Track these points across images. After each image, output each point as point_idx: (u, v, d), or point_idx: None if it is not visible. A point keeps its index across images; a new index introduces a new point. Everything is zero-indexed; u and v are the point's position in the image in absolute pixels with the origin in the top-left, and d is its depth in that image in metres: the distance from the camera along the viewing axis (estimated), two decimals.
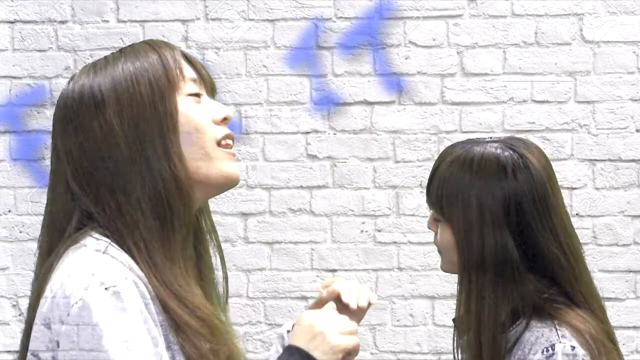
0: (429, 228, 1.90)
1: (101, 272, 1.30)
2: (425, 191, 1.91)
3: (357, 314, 1.70)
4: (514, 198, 1.77)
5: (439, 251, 1.88)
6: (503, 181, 1.77)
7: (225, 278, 1.54)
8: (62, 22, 3.56)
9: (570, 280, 1.78)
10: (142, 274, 1.35)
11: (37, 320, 1.31)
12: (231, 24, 3.54)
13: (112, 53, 1.52)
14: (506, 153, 1.79)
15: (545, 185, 1.79)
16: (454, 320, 2.18)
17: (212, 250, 1.54)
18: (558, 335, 1.72)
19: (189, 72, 1.49)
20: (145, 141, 1.39)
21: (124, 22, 3.55)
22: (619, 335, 2.03)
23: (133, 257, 1.36)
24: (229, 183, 1.46)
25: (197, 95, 1.47)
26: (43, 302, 1.32)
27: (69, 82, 1.47)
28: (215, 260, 1.55)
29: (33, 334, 1.31)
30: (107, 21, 3.55)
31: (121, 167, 1.38)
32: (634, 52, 3.46)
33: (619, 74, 3.46)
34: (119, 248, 1.36)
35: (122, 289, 1.29)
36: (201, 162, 1.42)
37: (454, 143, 1.90)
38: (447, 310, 3.49)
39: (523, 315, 1.76)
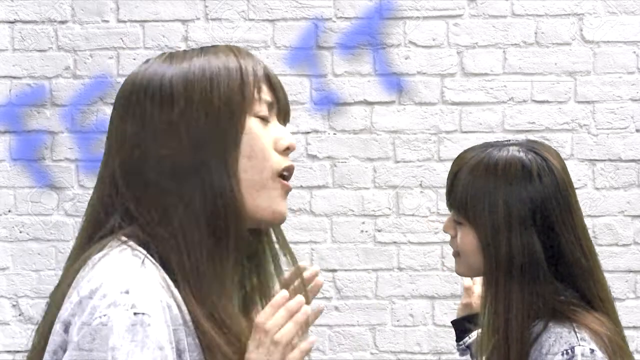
0: (445, 231, 1.91)
1: (136, 292, 1.20)
2: (444, 194, 1.92)
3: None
4: (540, 200, 1.79)
5: (455, 254, 1.89)
6: (529, 184, 1.80)
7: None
8: (62, 22, 3.56)
9: (589, 282, 1.81)
10: (177, 294, 1.26)
11: (58, 321, 1.24)
12: (231, 24, 3.54)
13: (193, 49, 1.39)
14: (529, 156, 1.82)
15: (567, 187, 1.83)
16: (453, 322, 2.18)
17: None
18: (577, 337, 1.74)
19: (265, 94, 1.40)
20: (209, 152, 1.30)
21: (124, 22, 3.55)
22: None
23: (171, 272, 1.27)
24: (273, 221, 1.39)
25: (266, 119, 1.39)
26: (68, 305, 1.23)
27: (140, 66, 1.38)
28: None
29: (52, 336, 1.24)
30: (107, 21, 3.55)
31: (179, 172, 1.29)
32: (634, 52, 3.46)
33: (619, 74, 3.46)
34: (154, 261, 1.27)
35: (151, 320, 1.19)
36: (253, 189, 1.34)
37: (470, 147, 1.91)
38: (447, 310, 3.49)
39: (541, 317, 1.78)
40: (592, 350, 1.72)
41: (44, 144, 3.51)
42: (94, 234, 1.31)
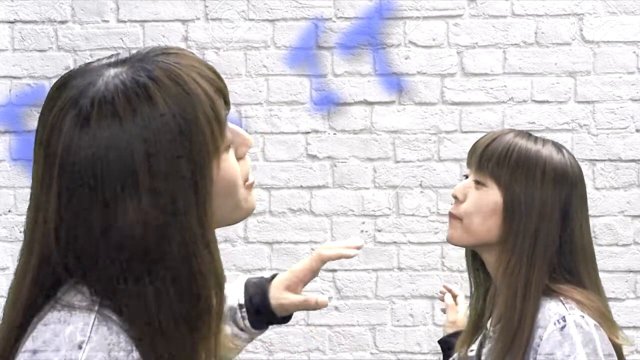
0: (455, 195, 1.92)
1: (90, 348, 1.07)
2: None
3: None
4: (570, 181, 1.88)
5: (455, 220, 1.91)
6: (561, 155, 1.89)
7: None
8: (62, 22, 3.56)
9: (586, 265, 1.88)
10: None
11: None
12: (231, 24, 3.54)
13: (141, 95, 1.12)
14: (564, 151, 1.92)
15: (585, 184, 1.94)
16: (440, 341, 2.21)
17: None
18: (566, 307, 1.78)
19: (224, 115, 1.18)
20: (182, 223, 1.12)
21: (124, 22, 3.55)
22: None
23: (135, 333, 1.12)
24: (246, 216, 1.26)
25: (228, 146, 1.20)
26: (20, 357, 1.09)
27: (76, 130, 1.13)
28: None
29: None
30: (107, 21, 3.55)
31: (147, 250, 1.11)
32: (634, 52, 3.46)
33: (619, 74, 3.46)
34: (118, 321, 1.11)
35: None
36: (231, 208, 1.20)
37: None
38: None
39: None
40: (582, 316, 1.77)
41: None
42: (33, 310, 1.14)
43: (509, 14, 3.48)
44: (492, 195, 1.87)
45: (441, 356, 2.22)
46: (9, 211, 3.58)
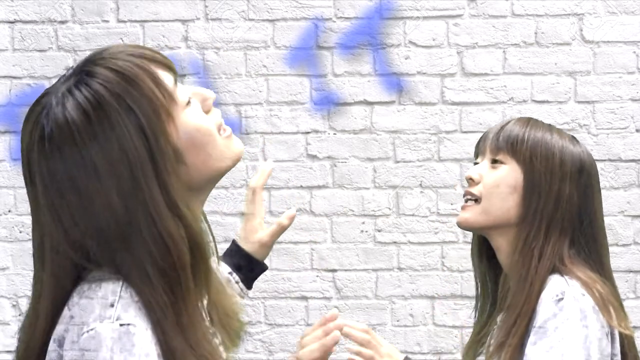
0: (469, 177, 1.91)
1: (120, 306, 1.23)
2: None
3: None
4: (587, 163, 1.90)
5: (471, 201, 1.90)
6: (577, 146, 1.91)
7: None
8: (62, 22, 3.56)
9: (601, 251, 1.89)
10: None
11: (54, 337, 1.26)
12: (231, 24, 3.54)
13: (80, 85, 1.28)
14: (575, 141, 1.94)
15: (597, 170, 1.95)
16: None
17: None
18: (567, 283, 1.78)
19: (169, 79, 1.32)
20: (145, 198, 1.26)
21: (124, 22, 3.55)
22: None
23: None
24: (238, 160, 1.39)
25: (189, 101, 1.34)
26: (60, 319, 1.26)
27: (38, 120, 1.29)
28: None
29: (48, 352, 1.27)
30: (107, 21, 3.55)
31: (123, 233, 1.26)
32: (634, 52, 3.46)
33: (619, 74, 3.46)
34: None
35: (137, 329, 1.22)
36: (213, 160, 1.34)
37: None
38: (447, 310, 3.49)
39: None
40: (583, 294, 1.77)
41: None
42: (55, 314, 1.29)
43: (509, 14, 3.48)
44: (513, 172, 1.87)
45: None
46: (9, 211, 3.58)
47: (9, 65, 3.57)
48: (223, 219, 3.52)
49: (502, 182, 1.87)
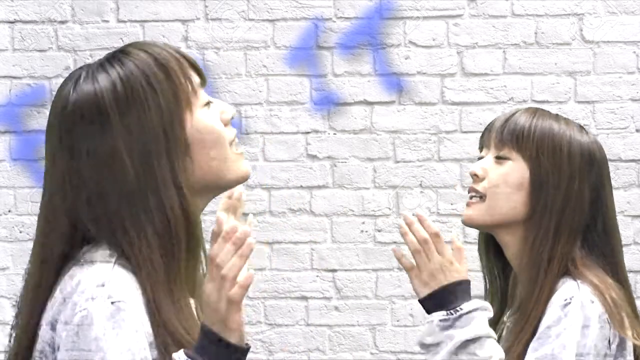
0: (473, 173, 1.84)
1: (111, 284, 1.28)
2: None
3: None
4: (597, 157, 1.83)
5: (476, 198, 1.83)
6: (585, 136, 1.85)
7: None
8: (62, 22, 3.56)
9: (616, 248, 1.85)
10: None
11: (44, 321, 1.32)
12: (231, 24, 3.54)
13: (114, 61, 1.40)
14: (584, 130, 1.89)
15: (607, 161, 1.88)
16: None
17: None
18: (579, 288, 1.72)
19: (196, 78, 1.41)
20: (154, 171, 1.33)
21: (124, 22, 3.55)
22: None
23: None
24: (242, 181, 1.44)
25: (209, 102, 1.41)
26: (51, 304, 1.32)
27: (66, 89, 1.41)
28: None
29: (40, 334, 1.32)
30: (107, 21, 3.55)
31: (129, 197, 1.32)
32: (634, 52, 3.46)
33: (619, 74, 3.46)
34: (126, 264, 1.32)
35: (127, 306, 1.27)
36: (217, 167, 1.38)
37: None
38: None
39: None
40: (592, 301, 1.70)
41: (44, 144, 3.51)
42: (51, 274, 1.35)
43: (509, 14, 3.48)
44: (518, 169, 1.80)
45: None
46: (9, 211, 3.58)
47: (9, 65, 3.57)
48: None
49: (509, 178, 1.79)
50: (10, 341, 1.40)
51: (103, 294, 1.27)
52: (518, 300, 1.80)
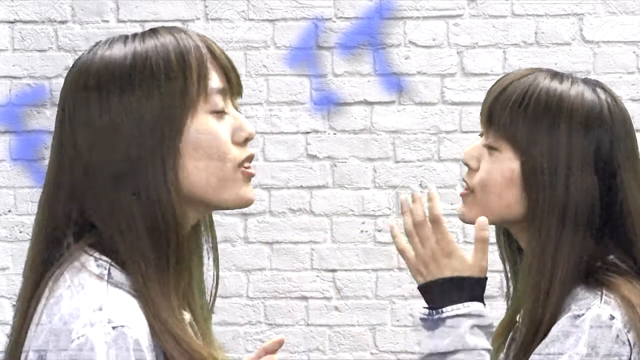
0: (466, 162, 1.60)
1: (109, 307, 1.17)
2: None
3: None
4: (608, 140, 1.52)
5: (468, 193, 1.62)
6: (597, 124, 1.52)
7: (216, 285, 1.38)
8: (62, 22, 3.56)
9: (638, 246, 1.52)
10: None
11: (30, 349, 1.19)
12: (231, 24, 3.54)
13: (140, 35, 1.29)
14: (599, 93, 1.54)
15: (634, 132, 1.56)
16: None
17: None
18: (601, 300, 1.45)
19: (216, 82, 1.28)
20: (147, 160, 1.24)
21: (124, 22, 3.55)
22: None
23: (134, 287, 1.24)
24: (241, 206, 1.31)
25: (222, 112, 1.29)
26: (39, 330, 1.19)
27: (85, 52, 1.31)
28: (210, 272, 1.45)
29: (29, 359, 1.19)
30: (107, 21, 3.55)
31: (120, 181, 1.24)
32: (634, 52, 3.46)
33: (619, 74, 3.46)
34: (120, 270, 1.23)
35: (131, 332, 1.16)
36: (207, 182, 1.27)
37: (519, 71, 1.63)
38: None
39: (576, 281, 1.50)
40: (611, 317, 1.43)
41: (44, 144, 3.51)
42: (51, 254, 1.26)
43: (509, 14, 3.48)
44: (507, 161, 1.53)
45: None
46: (9, 211, 3.58)
47: (9, 65, 3.57)
48: (223, 218, 3.52)
49: (497, 173, 1.54)
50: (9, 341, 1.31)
51: (102, 318, 1.15)
52: (523, 312, 1.55)
